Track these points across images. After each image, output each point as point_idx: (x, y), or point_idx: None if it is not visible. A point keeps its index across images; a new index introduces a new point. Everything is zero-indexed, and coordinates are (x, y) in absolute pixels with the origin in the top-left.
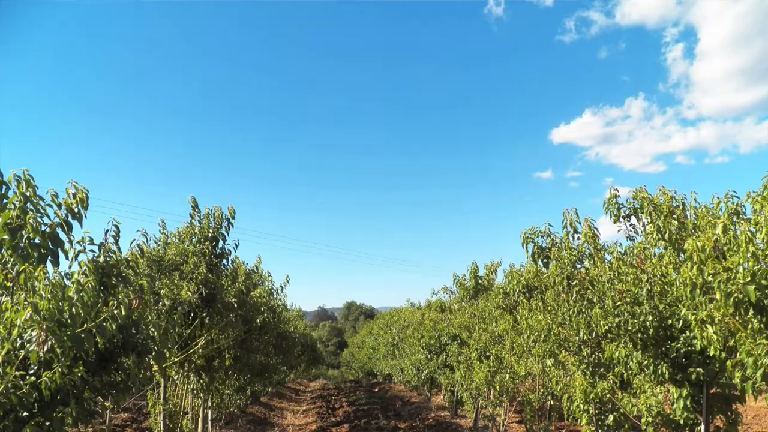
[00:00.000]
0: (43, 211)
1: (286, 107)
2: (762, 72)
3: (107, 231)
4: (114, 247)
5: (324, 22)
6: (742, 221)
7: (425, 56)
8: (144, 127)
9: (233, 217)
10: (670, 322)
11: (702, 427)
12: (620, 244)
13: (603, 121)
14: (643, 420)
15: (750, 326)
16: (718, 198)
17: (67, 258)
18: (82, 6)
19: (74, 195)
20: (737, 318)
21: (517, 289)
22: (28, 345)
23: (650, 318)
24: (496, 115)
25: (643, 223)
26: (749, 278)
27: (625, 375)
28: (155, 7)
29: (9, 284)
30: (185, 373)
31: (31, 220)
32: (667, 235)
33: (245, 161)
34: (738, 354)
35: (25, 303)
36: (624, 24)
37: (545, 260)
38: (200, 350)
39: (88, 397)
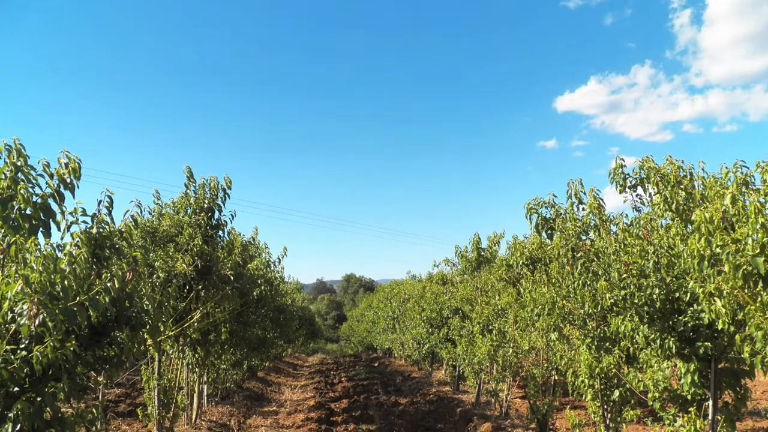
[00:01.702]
0: (34, 182)
1: (284, 75)
2: None
3: (100, 202)
4: (107, 219)
5: None
6: (752, 191)
7: (428, 24)
8: (139, 96)
9: (229, 188)
10: (677, 295)
11: (710, 402)
12: (626, 215)
13: (608, 89)
14: (649, 395)
15: (759, 299)
16: (726, 168)
17: (59, 229)
18: None
19: (66, 165)
20: (746, 291)
21: (521, 261)
22: (19, 318)
23: (657, 291)
24: (499, 83)
25: (650, 194)
26: (758, 250)
27: (631, 349)
28: None
29: None
30: (180, 348)
31: (22, 191)
32: (674, 206)
33: (242, 130)
34: (747, 328)
35: (16, 275)
36: None
37: (549, 231)
38: (195, 324)
39: (81, 371)
